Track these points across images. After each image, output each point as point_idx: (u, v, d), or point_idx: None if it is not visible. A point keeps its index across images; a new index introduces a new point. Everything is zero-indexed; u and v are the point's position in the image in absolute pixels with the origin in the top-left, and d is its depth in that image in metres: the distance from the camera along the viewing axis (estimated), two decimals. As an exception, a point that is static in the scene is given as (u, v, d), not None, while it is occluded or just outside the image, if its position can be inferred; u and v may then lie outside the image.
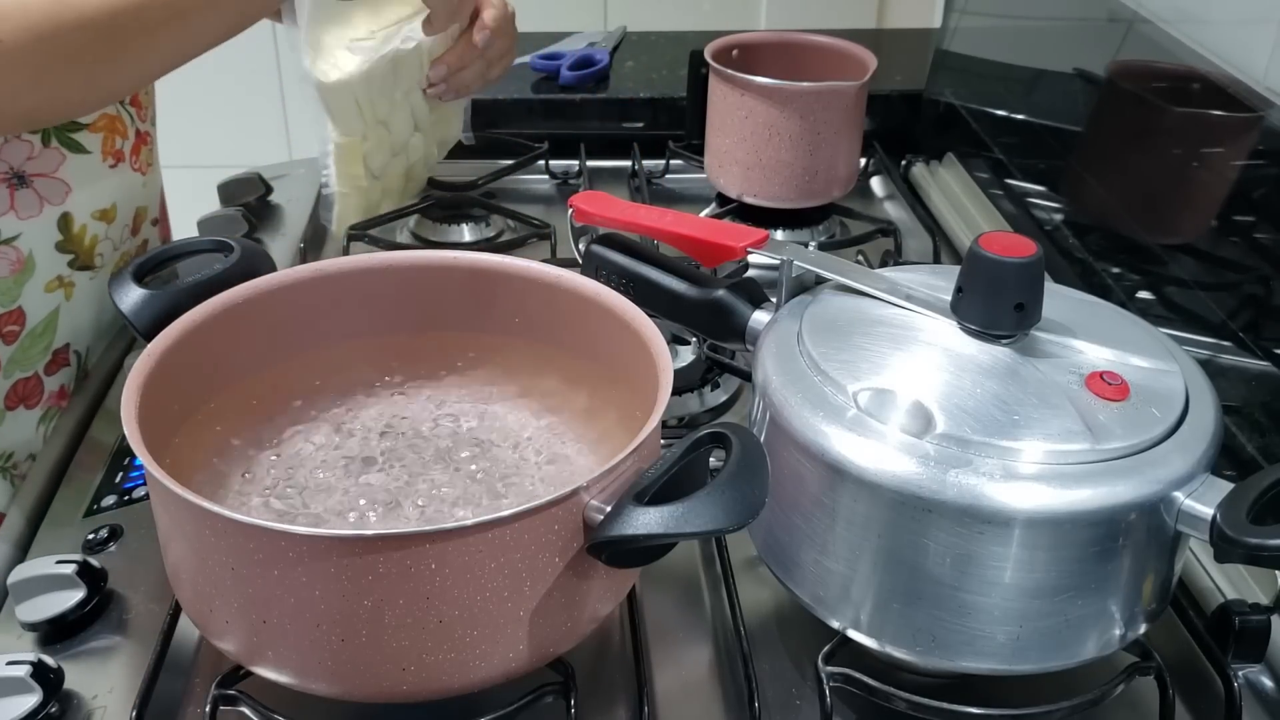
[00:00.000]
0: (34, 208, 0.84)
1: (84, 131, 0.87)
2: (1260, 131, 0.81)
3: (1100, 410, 0.57)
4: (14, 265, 0.85)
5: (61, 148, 0.85)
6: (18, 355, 0.87)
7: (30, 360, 0.88)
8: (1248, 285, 0.82)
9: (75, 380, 0.92)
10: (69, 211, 0.87)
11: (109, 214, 0.91)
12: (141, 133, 0.94)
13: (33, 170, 0.84)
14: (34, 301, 0.87)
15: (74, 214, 0.87)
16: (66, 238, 0.87)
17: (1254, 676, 0.66)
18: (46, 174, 0.85)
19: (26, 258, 0.85)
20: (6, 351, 0.86)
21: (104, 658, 0.65)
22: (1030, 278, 0.60)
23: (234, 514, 0.51)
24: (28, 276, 0.86)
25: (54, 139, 0.85)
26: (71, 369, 0.91)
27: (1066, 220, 1.07)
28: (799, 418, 0.59)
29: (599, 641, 0.66)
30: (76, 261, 0.89)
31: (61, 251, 0.88)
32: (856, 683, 0.61)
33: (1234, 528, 0.53)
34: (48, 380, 0.90)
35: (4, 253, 0.84)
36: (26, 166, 0.83)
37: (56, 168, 0.85)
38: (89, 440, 0.85)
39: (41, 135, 0.84)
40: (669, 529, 0.50)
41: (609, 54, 1.39)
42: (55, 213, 0.86)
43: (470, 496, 0.65)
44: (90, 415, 0.88)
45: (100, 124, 0.88)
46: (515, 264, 0.72)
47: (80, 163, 0.87)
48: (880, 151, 1.26)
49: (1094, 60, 1.06)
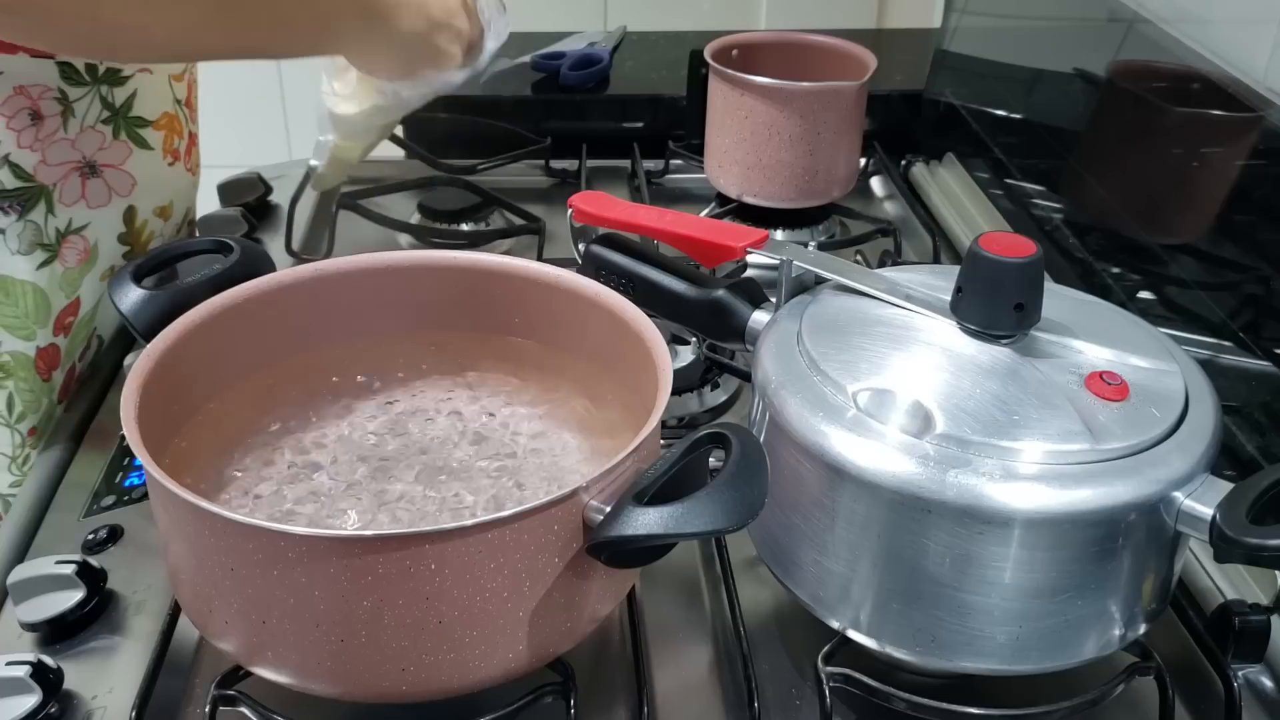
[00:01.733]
0: (103, 198, 0.85)
1: (149, 128, 0.88)
2: (1260, 131, 0.81)
3: (1100, 410, 0.57)
4: (81, 255, 0.85)
5: (129, 141, 0.86)
6: (70, 346, 0.88)
7: (75, 348, 0.89)
8: (1248, 285, 0.82)
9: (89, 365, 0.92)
10: (134, 205, 0.88)
11: (166, 211, 0.92)
12: (193, 134, 0.95)
13: (103, 161, 0.85)
14: (89, 290, 0.87)
15: (138, 208, 0.89)
16: (129, 230, 0.89)
17: (1254, 676, 0.66)
18: (115, 165, 0.86)
19: (92, 248, 0.86)
20: (65, 343, 0.87)
21: (104, 658, 0.65)
22: (1030, 278, 0.60)
23: (234, 514, 0.51)
24: (90, 266, 0.86)
25: (123, 131, 0.86)
26: (91, 352, 0.92)
27: (1066, 220, 1.06)
28: (799, 418, 0.59)
29: (599, 641, 0.66)
30: (131, 254, 0.90)
31: (122, 243, 0.89)
32: (856, 683, 0.61)
33: (1234, 528, 0.53)
34: (79, 366, 0.90)
35: (74, 242, 0.84)
36: (98, 157, 0.84)
37: (124, 160, 0.86)
38: (89, 440, 0.85)
39: (112, 127, 0.85)
40: (669, 529, 0.50)
41: (609, 54, 1.39)
42: (122, 205, 0.87)
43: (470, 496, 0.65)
44: (90, 415, 0.88)
45: (161, 122, 0.89)
46: (515, 264, 0.72)
47: (144, 158, 0.88)
48: (880, 151, 1.26)
49: (1094, 60, 1.06)
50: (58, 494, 0.79)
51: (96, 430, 0.86)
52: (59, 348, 0.86)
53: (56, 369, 0.87)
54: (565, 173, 1.25)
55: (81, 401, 0.89)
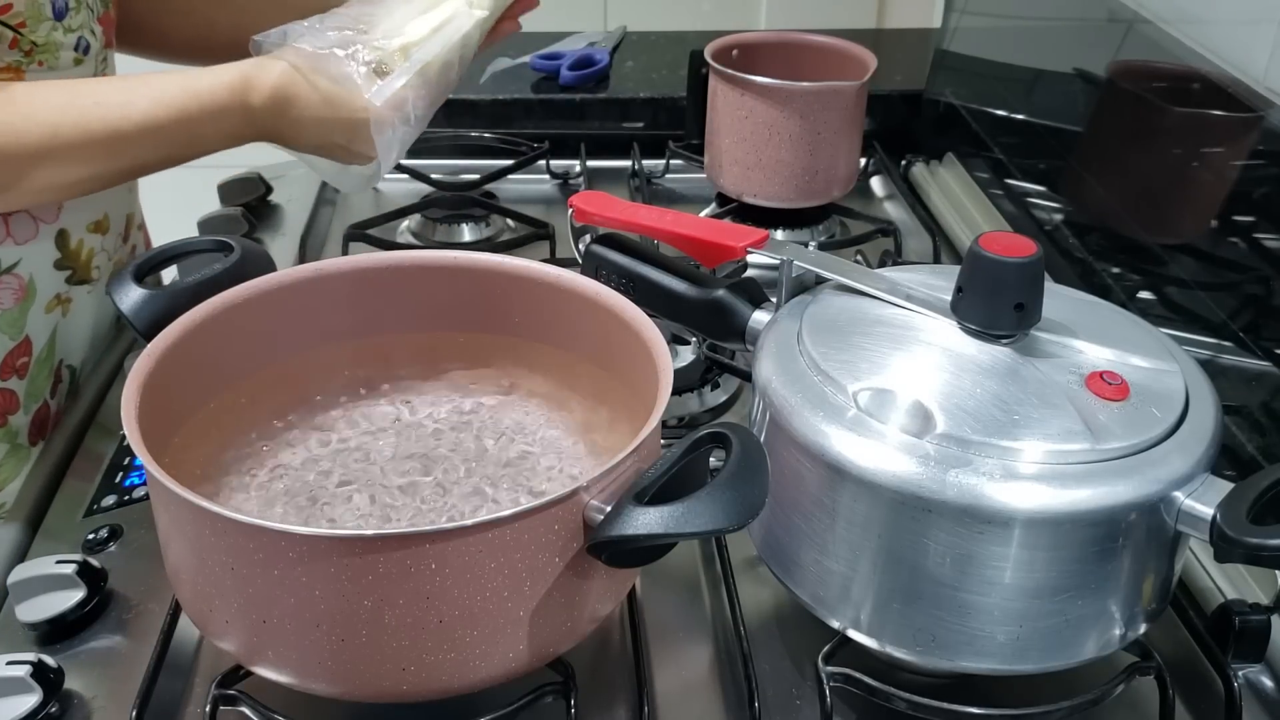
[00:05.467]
0: (29, 231, 0.82)
1: None
2: (1260, 131, 0.81)
3: (1100, 410, 0.57)
4: (17, 295, 0.82)
5: None
6: (30, 388, 0.85)
7: (40, 388, 0.86)
8: (1248, 285, 0.82)
9: (66, 397, 0.90)
10: (64, 228, 0.85)
11: (102, 224, 0.89)
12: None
13: None
14: (36, 326, 0.85)
15: (69, 230, 0.85)
16: (64, 255, 0.85)
17: (1254, 676, 0.66)
18: None
19: (28, 283, 0.83)
20: (22, 385, 0.84)
21: (104, 658, 0.65)
22: (1030, 278, 0.60)
23: (234, 514, 0.51)
24: (30, 303, 0.84)
25: None
26: (64, 385, 0.89)
27: (1066, 220, 1.07)
28: (799, 418, 0.59)
29: (599, 641, 0.66)
30: (74, 277, 0.87)
31: (60, 269, 0.86)
32: (856, 683, 0.61)
33: (1234, 528, 0.53)
34: (52, 403, 0.88)
35: (7, 282, 0.81)
36: None
37: None
38: (89, 440, 0.85)
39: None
40: (669, 529, 0.50)
41: (609, 54, 1.39)
42: (51, 231, 0.84)
43: (470, 496, 0.65)
44: (90, 415, 0.88)
45: None
46: (515, 264, 0.72)
47: None
48: (880, 151, 1.26)
49: (1094, 60, 1.06)
50: (58, 494, 0.79)
51: (96, 430, 0.86)
52: (14, 392, 0.84)
53: (15, 413, 0.84)
54: (566, 174, 1.25)
55: (81, 401, 0.89)
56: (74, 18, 0.82)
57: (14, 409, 0.84)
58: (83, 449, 0.84)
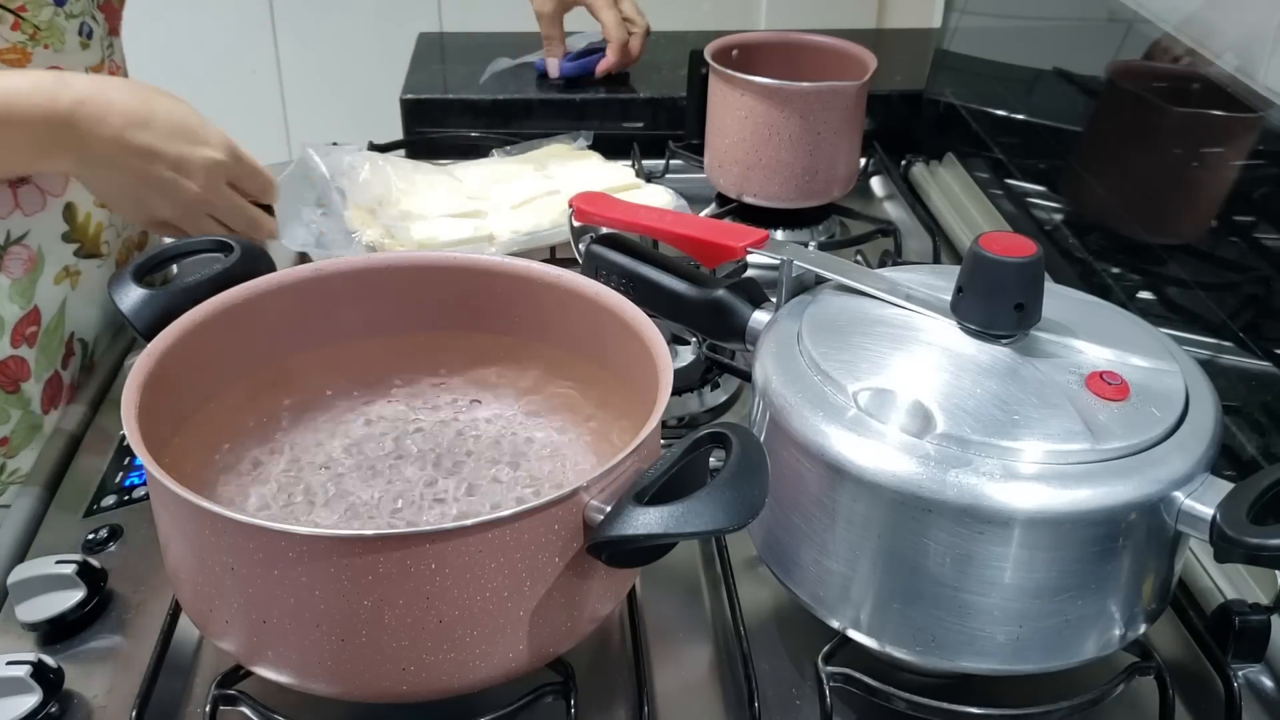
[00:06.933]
0: (38, 203, 0.84)
1: None
2: (1260, 131, 0.81)
3: (1100, 410, 0.57)
4: (26, 265, 0.85)
5: None
6: (41, 356, 0.87)
7: (51, 357, 0.88)
8: (1248, 285, 0.82)
9: (79, 371, 0.92)
10: (72, 201, 0.87)
11: None
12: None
13: None
14: (45, 296, 0.87)
15: (76, 203, 0.88)
16: (72, 228, 0.88)
17: (1254, 676, 0.66)
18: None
19: (37, 254, 0.85)
20: (33, 354, 0.86)
21: (104, 658, 0.65)
22: (1030, 278, 0.60)
23: (234, 514, 0.51)
24: (39, 273, 0.86)
25: None
26: (77, 358, 0.91)
27: (1066, 220, 1.07)
28: (799, 418, 0.59)
29: (599, 641, 0.66)
30: (82, 250, 0.89)
31: (67, 241, 0.88)
32: (856, 683, 0.61)
33: (1234, 528, 0.53)
34: (64, 375, 0.90)
35: (16, 253, 0.84)
36: None
37: None
38: (89, 439, 0.85)
39: None
40: (669, 529, 0.50)
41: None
42: (58, 204, 0.86)
43: (470, 496, 0.65)
44: (90, 415, 0.88)
45: None
46: (515, 264, 0.72)
47: None
48: (880, 151, 1.26)
49: (1094, 60, 1.06)
50: (58, 494, 0.79)
51: (96, 430, 0.86)
52: (24, 359, 0.86)
53: (27, 380, 0.86)
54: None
55: (81, 401, 0.89)
56: (74, 4, 0.84)
57: (25, 376, 0.86)
58: (83, 449, 0.84)
